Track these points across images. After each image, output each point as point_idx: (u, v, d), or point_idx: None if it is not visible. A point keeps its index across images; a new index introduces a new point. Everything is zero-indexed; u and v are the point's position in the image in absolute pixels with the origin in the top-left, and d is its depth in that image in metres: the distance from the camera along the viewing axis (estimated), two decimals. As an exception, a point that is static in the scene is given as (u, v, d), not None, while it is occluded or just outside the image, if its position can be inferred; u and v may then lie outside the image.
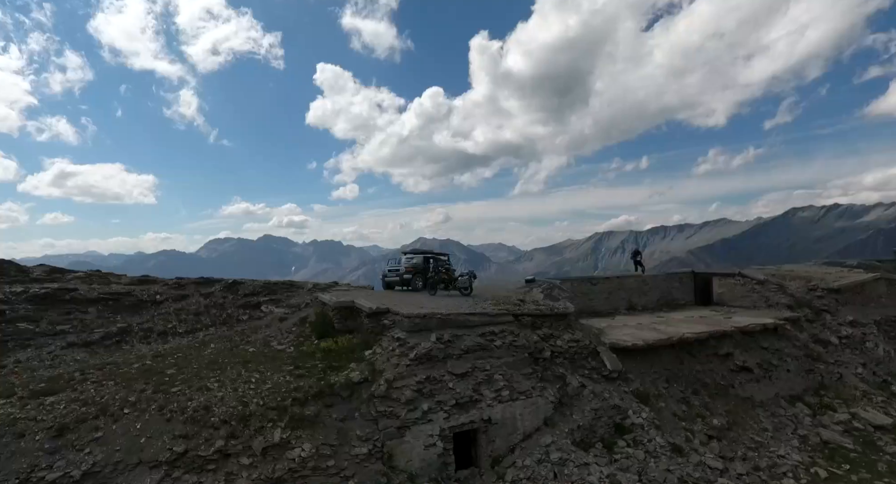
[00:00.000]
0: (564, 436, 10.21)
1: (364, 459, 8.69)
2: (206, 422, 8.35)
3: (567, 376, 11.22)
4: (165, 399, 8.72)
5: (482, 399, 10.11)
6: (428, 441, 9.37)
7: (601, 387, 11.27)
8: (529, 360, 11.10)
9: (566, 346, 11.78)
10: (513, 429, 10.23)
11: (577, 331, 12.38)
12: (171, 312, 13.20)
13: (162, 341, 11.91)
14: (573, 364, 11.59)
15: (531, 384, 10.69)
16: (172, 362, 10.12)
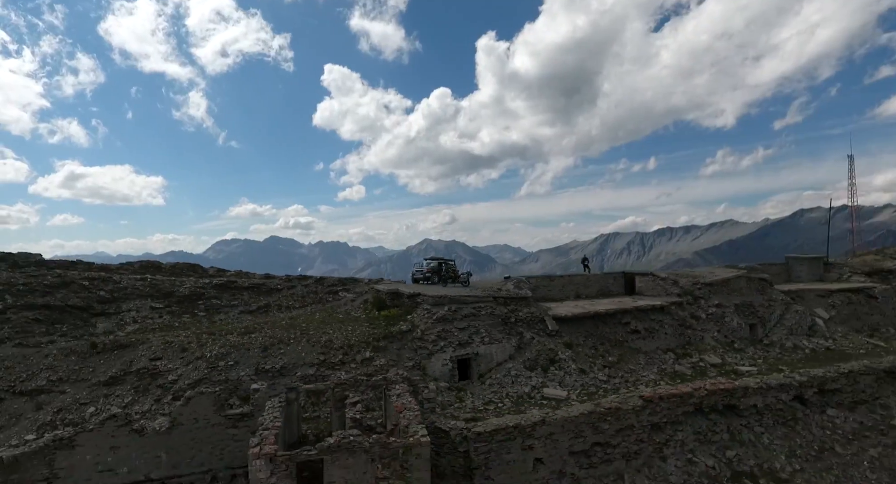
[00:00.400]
0: (519, 363, 18.40)
1: (410, 368, 16.93)
2: (331, 347, 16.69)
3: (524, 332, 19.40)
4: (307, 337, 17.09)
5: (473, 342, 18.34)
6: (443, 362, 17.60)
7: (544, 339, 19.44)
8: (501, 322, 19.32)
9: (524, 315, 19.97)
10: (490, 359, 18.44)
11: (532, 307, 20.56)
12: (287, 295, 21.53)
13: (289, 312, 20.21)
14: (528, 326, 19.76)
15: (501, 336, 18.91)
16: (302, 321, 18.52)
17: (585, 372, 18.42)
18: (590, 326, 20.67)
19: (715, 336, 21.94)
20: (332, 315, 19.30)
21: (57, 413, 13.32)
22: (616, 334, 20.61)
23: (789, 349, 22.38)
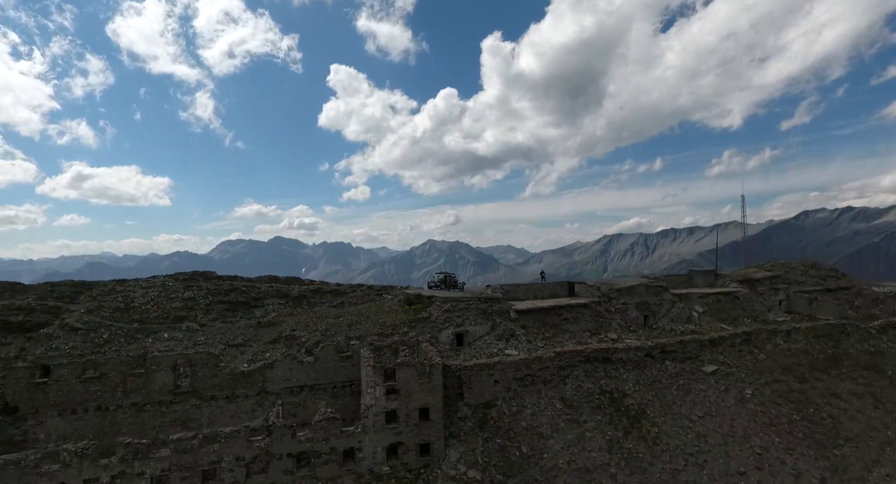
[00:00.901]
0: (492, 337, 31.84)
1: (428, 338, 30.37)
2: (385, 325, 30.16)
3: (496, 319, 32.83)
4: (371, 319, 30.56)
5: (464, 324, 31.80)
6: (448, 335, 31.07)
7: (508, 323, 32.84)
8: (482, 313, 32.76)
9: (496, 309, 33.37)
10: (475, 334, 31.88)
11: (502, 304, 33.96)
12: (352, 296, 35.03)
13: (355, 306, 33.73)
14: (498, 315, 33.15)
15: (482, 321, 32.34)
16: (365, 311, 32.09)
17: (531, 342, 31.83)
18: (537, 315, 34.06)
19: (619, 322, 35.29)
20: (381, 308, 32.84)
21: (253, 355, 26.89)
22: (553, 320, 33.99)
23: (668, 332, 35.65)
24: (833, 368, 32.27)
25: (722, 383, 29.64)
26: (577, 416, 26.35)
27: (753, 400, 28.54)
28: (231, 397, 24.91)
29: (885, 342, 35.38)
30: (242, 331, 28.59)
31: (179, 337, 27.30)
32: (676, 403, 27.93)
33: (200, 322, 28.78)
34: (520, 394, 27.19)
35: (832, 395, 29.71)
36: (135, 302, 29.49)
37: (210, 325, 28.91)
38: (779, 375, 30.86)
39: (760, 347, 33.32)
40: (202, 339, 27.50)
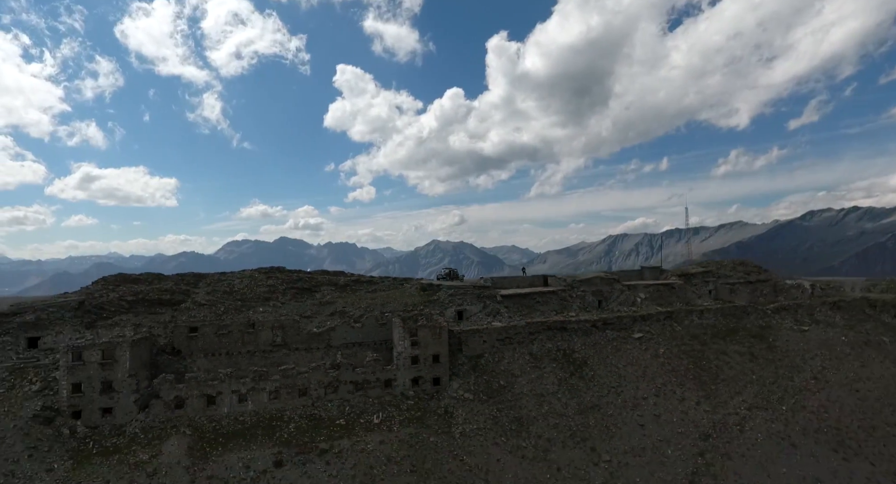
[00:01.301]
0: (483, 314, 45.03)
1: (437, 313, 43.56)
2: (407, 304, 43.39)
3: (486, 301, 45.98)
4: (397, 301, 43.83)
5: (463, 304, 45.01)
6: (451, 311, 44.30)
7: (495, 304, 45.96)
8: (476, 297, 45.93)
9: (487, 294, 46.51)
10: (471, 312, 45.06)
11: (491, 290, 47.10)
12: (381, 285, 48.23)
13: (385, 292, 46.82)
14: (488, 299, 46.26)
15: (476, 302, 45.51)
16: (393, 295, 45.40)
17: (511, 317, 44.96)
18: (517, 299, 47.17)
19: (578, 305, 48.34)
20: (404, 292, 46.05)
21: (319, 322, 40.19)
22: (529, 302, 47.08)
23: (615, 312, 48.61)
24: (729, 336, 45.19)
25: (644, 345, 42.64)
26: (539, 364, 39.43)
27: (664, 356, 41.53)
28: (308, 349, 38.23)
29: (775, 319, 48.23)
30: (309, 307, 41.85)
31: (269, 310, 40.58)
32: (609, 357, 40.96)
33: (281, 301, 42.08)
34: (500, 349, 40.32)
35: (722, 353, 42.65)
36: (235, 287, 42.78)
37: (287, 303, 42.17)
38: (687, 341, 43.82)
39: (679, 322, 46.29)
40: (284, 312, 40.77)
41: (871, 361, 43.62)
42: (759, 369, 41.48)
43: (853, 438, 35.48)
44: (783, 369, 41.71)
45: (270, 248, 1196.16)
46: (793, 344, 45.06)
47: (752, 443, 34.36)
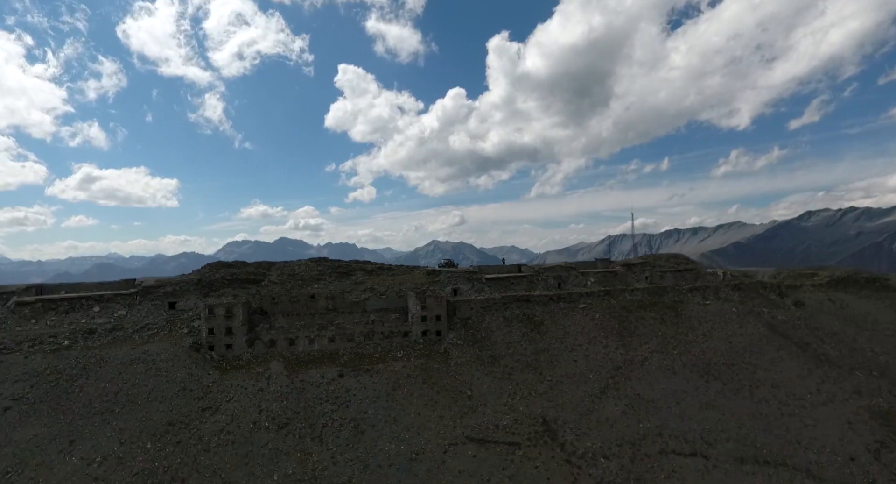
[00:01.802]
0: (472, 291, 63.54)
1: (438, 289, 62.03)
2: (417, 283, 61.88)
3: (474, 282, 64.47)
4: (408, 282, 62.35)
5: (457, 284, 63.52)
6: (449, 289, 62.80)
7: (481, 284, 64.42)
8: (467, 279, 64.44)
9: (475, 276, 65.00)
10: (462, 290, 63.55)
11: (479, 274, 65.52)
12: (397, 271, 66.37)
13: (399, 276, 65.05)
14: (476, 280, 64.72)
15: (468, 282, 64.01)
16: (405, 278, 63.94)
17: (492, 294, 63.40)
18: (497, 280, 65.60)
19: (542, 286, 66.79)
20: (414, 276, 64.47)
21: (356, 295, 58.59)
22: (505, 283, 65.51)
23: (569, 291, 67.01)
24: (649, 308, 63.64)
25: (586, 313, 61.08)
26: (509, 323, 57.86)
27: (598, 319, 59.97)
28: (350, 312, 56.68)
29: (686, 297, 66.69)
30: (348, 285, 60.22)
31: (321, 287, 58.91)
32: (559, 320, 59.39)
33: (328, 281, 60.44)
34: (482, 314, 58.77)
35: (641, 318, 61.09)
36: (296, 271, 61.12)
37: (333, 282, 60.54)
38: (617, 310, 62.26)
39: (614, 297, 64.73)
40: (332, 288, 59.14)
41: (747, 324, 62.10)
42: (665, 329, 59.94)
43: (716, 369, 53.95)
44: (682, 329, 60.20)
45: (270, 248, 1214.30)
46: (695, 313, 63.54)
47: (647, 372, 52.81)
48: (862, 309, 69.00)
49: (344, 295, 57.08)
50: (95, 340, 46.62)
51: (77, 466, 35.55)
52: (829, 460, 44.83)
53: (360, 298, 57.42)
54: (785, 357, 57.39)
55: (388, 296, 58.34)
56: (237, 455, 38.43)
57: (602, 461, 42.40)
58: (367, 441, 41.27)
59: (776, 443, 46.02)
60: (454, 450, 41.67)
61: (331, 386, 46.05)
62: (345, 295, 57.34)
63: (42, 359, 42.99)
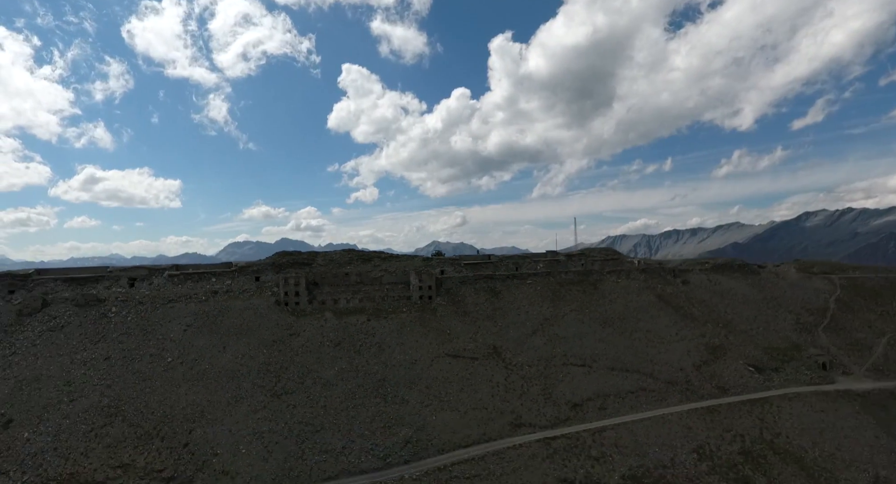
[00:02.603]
0: (454, 271, 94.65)
1: (430, 271, 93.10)
2: (416, 266, 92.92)
3: (456, 265, 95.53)
4: (411, 265, 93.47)
5: (444, 266, 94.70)
6: (438, 270, 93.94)
7: (460, 267, 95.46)
8: (451, 263, 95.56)
9: (457, 262, 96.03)
10: (448, 271, 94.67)
11: (460, 261, 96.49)
12: (401, 258, 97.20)
13: (406, 260, 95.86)
14: (459, 264, 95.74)
15: (450, 266, 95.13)
16: (408, 263, 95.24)
17: (467, 273, 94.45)
18: (472, 265, 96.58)
19: (504, 268, 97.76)
20: (415, 262, 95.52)
21: (377, 273, 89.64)
22: (478, 267, 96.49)
23: (523, 271, 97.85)
24: (577, 284, 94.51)
25: (531, 286, 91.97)
26: (477, 293, 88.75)
27: (539, 291, 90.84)
28: (372, 284, 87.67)
29: (605, 277, 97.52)
30: (369, 267, 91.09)
31: (352, 268, 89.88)
32: (513, 290, 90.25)
33: (356, 265, 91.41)
34: (460, 286, 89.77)
35: (568, 291, 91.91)
36: (335, 258, 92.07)
37: (359, 265, 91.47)
38: (554, 285, 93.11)
39: (554, 277, 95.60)
40: (358, 269, 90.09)
41: (643, 295, 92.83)
42: (584, 297, 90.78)
43: (611, 321, 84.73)
44: (596, 297, 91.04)
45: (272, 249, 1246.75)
46: (608, 288, 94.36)
47: (565, 322, 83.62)
48: (729, 286, 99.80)
49: (367, 273, 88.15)
50: (220, 297, 77.80)
51: (229, 359, 66.62)
52: (667, 370, 75.65)
53: (378, 275, 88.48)
54: (662, 315, 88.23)
55: (397, 273, 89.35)
56: (312, 358, 69.43)
57: (526, 368, 73.34)
58: (386, 354, 72.22)
59: (638, 361, 76.87)
60: (437, 360, 72.60)
61: (363, 325, 77.05)
62: (368, 273, 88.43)
63: (195, 305, 74.20)
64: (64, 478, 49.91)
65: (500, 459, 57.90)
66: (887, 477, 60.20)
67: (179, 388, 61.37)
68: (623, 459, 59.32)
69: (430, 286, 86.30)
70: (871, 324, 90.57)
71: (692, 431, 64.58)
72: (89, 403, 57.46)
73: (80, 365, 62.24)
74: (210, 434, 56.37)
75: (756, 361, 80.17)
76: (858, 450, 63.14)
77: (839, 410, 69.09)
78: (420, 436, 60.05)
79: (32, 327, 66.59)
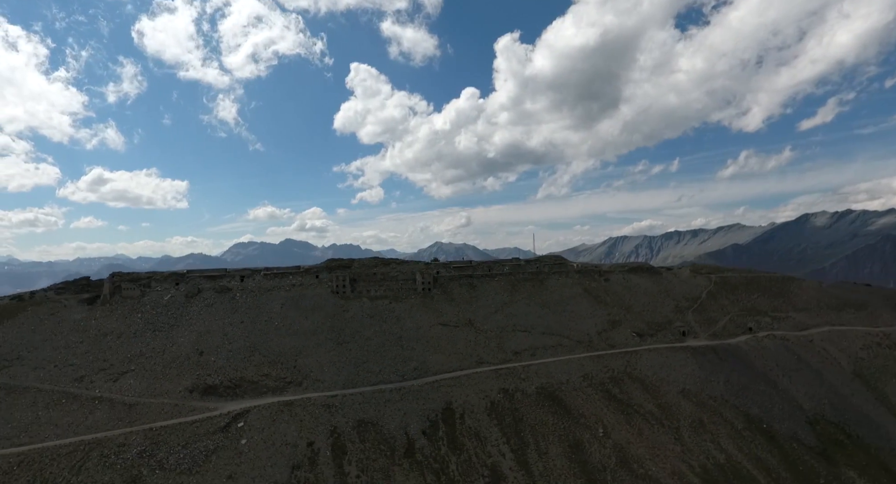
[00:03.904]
0: (446, 272, 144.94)
1: (429, 271, 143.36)
2: (421, 268, 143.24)
3: (448, 268, 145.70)
4: (417, 266, 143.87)
5: (439, 268, 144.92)
6: (435, 271, 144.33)
7: (451, 268, 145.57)
8: (445, 267, 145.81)
9: (448, 265, 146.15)
10: (443, 272, 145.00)
11: (450, 264, 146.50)
12: (411, 262, 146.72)
13: (413, 264, 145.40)
14: (449, 267, 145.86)
15: (444, 268, 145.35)
16: (414, 265, 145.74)
17: (455, 273, 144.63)
18: (459, 267, 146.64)
19: (481, 269, 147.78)
20: (419, 265, 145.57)
21: (394, 272, 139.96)
22: (464, 269, 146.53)
23: (495, 272, 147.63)
24: (530, 281, 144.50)
25: (498, 282, 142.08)
26: (461, 286, 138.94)
27: (503, 285, 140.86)
28: (390, 280, 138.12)
29: (549, 276, 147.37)
30: (388, 269, 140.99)
31: (377, 269, 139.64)
32: (485, 284, 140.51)
33: (380, 268, 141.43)
34: (449, 281, 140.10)
35: (523, 285, 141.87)
36: (366, 263, 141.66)
37: (381, 267, 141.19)
38: (514, 281, 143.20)
39: (514, 276, 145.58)
40: (381, 269, 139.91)
41: (574, 288, 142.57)
42: (532, 289, 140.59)
43: (549, 304, 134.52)
44: (541, 290, 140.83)
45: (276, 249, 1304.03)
46: (551, 283, 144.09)
47: (518, 305, 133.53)
48: (637, 282, 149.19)
49: (388, 272, 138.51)
50: (296, 288, 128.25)
51: (310, 324, 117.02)
52: (578, 335, 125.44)
53: (395, 274, 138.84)
54: (584, 302, 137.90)
55: (407, 273, 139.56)
56: (357, 324, 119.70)
57: (488, 332, 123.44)
58: (401, 323, 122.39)
59: (561, 329, 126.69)
60: (433, 327, 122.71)
61: (387, 306, 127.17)
62: (388, 272, 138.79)
63: (284, 292, 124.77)
64: (237, 378, 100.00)
65: (468, 378, 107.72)
66: (689, 389, 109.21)
67: (285, 338, 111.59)
68: (538, 379, 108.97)
69: (429, 282, 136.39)
70: (724, 307, 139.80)
71: (584, 366, 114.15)
72: (239, 345, 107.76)
73: (227, 325, 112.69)
74: (306, 362, 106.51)
75: (640, 330, 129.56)
76: (679, 376, 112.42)
77: (677, 356, 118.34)
78: (422, 366, 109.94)
79: (195, 304, 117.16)
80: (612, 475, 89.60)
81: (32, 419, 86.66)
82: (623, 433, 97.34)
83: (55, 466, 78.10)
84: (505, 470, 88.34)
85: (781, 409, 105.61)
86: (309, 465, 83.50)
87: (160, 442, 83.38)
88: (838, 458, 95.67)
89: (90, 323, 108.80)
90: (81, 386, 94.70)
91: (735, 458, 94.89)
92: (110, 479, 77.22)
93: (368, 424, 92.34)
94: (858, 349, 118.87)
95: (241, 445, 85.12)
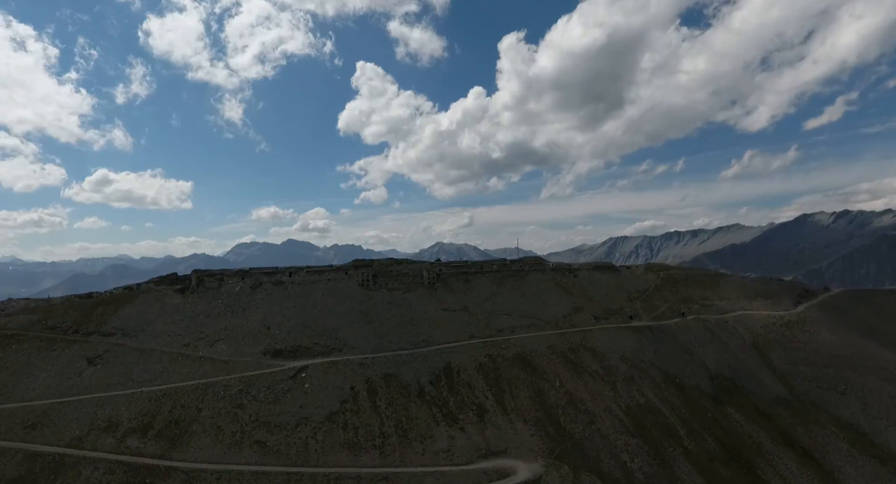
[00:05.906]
0: (447, 269, 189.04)
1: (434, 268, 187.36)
2: (424, 267, 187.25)
3: (449, 265, 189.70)
4: (421, 265, 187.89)
5: (441, 267, 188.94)
6: (438, 268, 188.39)
7: (451, 266, 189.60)
8: (447, 265, 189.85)
9: (448, 263, 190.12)
10: (445, 269, 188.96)
11: (449, 263, 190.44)
12: (416, 261, 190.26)
13: (419, 264, 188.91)
14: (449, 265, 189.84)
15: (446, 266, 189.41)
16: (418, 264, 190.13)
17: (454, 270, 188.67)
18: (457, 265, 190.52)
19: (474, 268, 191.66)
20: (424, 265, 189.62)
21: (405, 269, 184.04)
22: (463, 267, 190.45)
23: (485, 269, 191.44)
24: (511, 277, 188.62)
25: (487, 277, 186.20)
26: (458, 280, 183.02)
27: (490, 279, 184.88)
28: (403, 275, 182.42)
29: (530, 274, 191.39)
30: (402, 267, 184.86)
31: (393, 267, 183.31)
32: (477, 279, 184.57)
33: (395, 266, 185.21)
34: (450, 277, 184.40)
35: (508, 280, 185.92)
36: (383, 262, 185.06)
37: (395, 265, 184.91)
38: (499, 278, 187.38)
39: (500, 272, 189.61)
40: (395, 267, 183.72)
41: (548, 283, 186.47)
42: (515, 283, 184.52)
43: (527, 295, 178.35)
44: (522, 284, 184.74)
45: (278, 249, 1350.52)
46: (529, 279, 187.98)
47: (503, 295, 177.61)
48: (599, 278, 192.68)
49: (400, 269, 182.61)
50: (331, 282, 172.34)
51: (345, 308, 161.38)
52: (548, 317, 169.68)
53: (406, 271, 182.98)
54: (554, 293, 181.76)
55: (416, 270, 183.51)
56: (379, 309, 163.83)
57: (479, 315, 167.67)
58: (413, 308, 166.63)
59: (535, 313, 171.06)
60: (437, 312, 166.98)
61: (401, 295, 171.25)
62: (401, 269, 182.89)
63: (322, 285, 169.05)
64: (295, 345, 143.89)
65: (462, 348, 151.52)
66: (627, 356, 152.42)
67: (327, 318, 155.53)
68: (515, 349, 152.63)
69: (433, 277, 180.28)
70: (665, 297, 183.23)
71: (550, 340, 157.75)
72: (294, 323, 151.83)
73: (284, 308, 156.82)
74: (344, 335, 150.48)
75: (597, 314, 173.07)
76: (621, 347, 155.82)
77: (622, 333, 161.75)
78: (428, 339, 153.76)
79: (259, 293, 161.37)
80: (563, 411, 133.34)
81: (162, 370, 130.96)
82: (573, 384, 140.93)
83: (186, 397, 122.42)
84: (487, 407, 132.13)
85: (692, 368, 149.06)
86: (353, 400, 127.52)
87: (251, 384, 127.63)
88: (725, 400, 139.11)
89: (186, 306, 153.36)
90: (189, 349, 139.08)
91: (652, 401, 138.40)
92: (224, 405, 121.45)
93: (391, 376, 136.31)
94: (759, 328, 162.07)
95: (305, 387, 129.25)
